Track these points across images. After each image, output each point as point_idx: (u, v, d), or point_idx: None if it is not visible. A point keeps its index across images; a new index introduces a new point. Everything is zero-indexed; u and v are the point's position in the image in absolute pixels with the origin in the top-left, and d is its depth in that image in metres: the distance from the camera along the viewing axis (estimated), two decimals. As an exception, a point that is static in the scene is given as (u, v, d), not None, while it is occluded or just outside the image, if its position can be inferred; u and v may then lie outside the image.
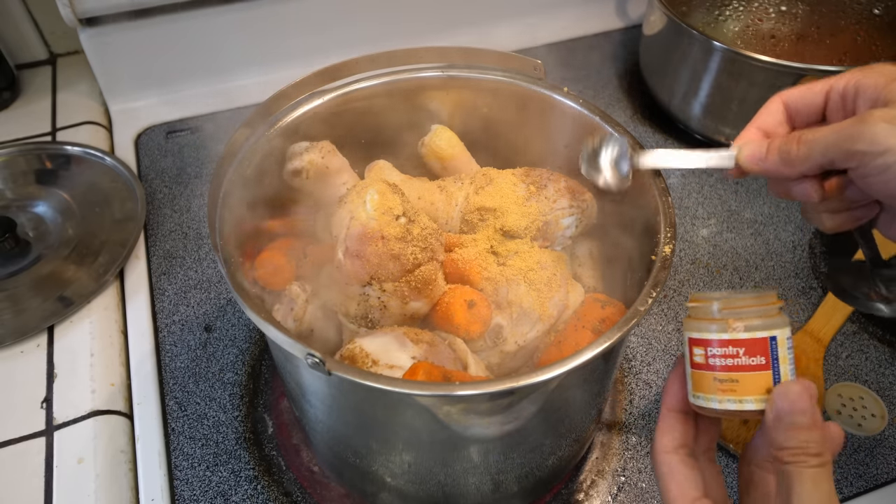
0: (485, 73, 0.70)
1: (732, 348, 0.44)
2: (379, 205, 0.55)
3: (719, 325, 0.45)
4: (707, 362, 0.46)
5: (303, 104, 0.67)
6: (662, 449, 0.48)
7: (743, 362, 0.44)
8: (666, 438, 0.48)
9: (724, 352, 0.45)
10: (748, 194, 1.00)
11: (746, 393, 0.44)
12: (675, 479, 0.46)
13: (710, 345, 0.45)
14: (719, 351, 0.45)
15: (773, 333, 0.44)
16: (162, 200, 0.97)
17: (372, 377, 0.45)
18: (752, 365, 0.44)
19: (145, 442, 0.71)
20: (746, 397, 0.44)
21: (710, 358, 0.45)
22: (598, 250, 0.72)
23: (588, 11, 1.31)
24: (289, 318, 0.61)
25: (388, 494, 0.62)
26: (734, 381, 0.44)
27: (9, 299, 0.82)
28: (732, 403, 0.45)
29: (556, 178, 0.67)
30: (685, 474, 0.46)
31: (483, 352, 0.60)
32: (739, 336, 0.44)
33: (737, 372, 0.44)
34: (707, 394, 0.46)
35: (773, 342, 0.44)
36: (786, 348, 0.44)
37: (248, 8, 1.08)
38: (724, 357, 0.45)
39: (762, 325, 0.44)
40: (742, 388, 0.44)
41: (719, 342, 0.45)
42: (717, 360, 0.45)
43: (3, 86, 1.10)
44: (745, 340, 0.44)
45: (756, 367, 0.44)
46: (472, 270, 0.61)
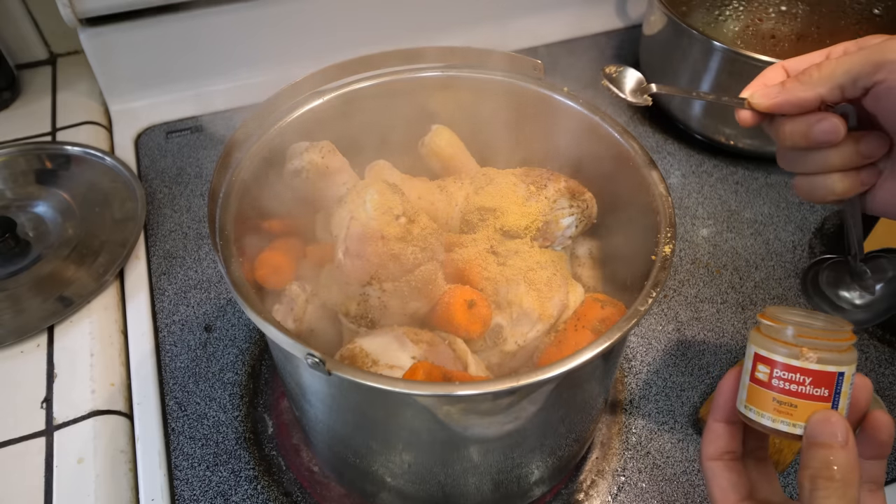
0: (485, 73, 0.70)
1: (800, 376, 0.45)
2: (379, 205, 0.55)
3: (792, 351, 0.45)
4: (770, 381, 0.46)
5: (303, 104, 0.67)
6: (707, 456, 0.50)
7: (806, 391, 0.45)
8: (711, 447, 0.50)
9: (791, 377, 0.45)
10: (748, 194, 1.00)
11: (802, 419, 0.45)
12: (718, 484, 0.48)
13: (776, 366, 0.46)
14: (785, 374, 0.45)
15: (843, 370, 0.44)
16: (162, 200, 0.97)
17: (372, 377, 0.45)
18: (815, 395, 0.44)
19: (145, 442, 0.71)
20: (800, 423, 0.45)
21: (773, 378, 0.46)
22: (598, 250, 0.72)
23: (588, 11, 1.31)
24: (289, 318, 0.61)
25: (388, 494, 0.62)
26: (793, 406, 0.45)
27: (9, 299, 0.82)
28: (785, 425, 0.45)
29: (556, 178, 0.67)
30: (728, 479, 0.48)
31: (483, 352, 0.60)
32: (810, 366, 0.44)
33: (798, 398, 0.45)
34: (761, 409, 0.47)
35: (840, 377, 0.44)
36: (849, 384, 0.45)
37: (248, 8, 1.08)
38: (789, 382, 0.45)
39: (834, 360, 0.44)
40: (799, 413, 0.45)
41: (787, 367, 0.45)
42: (780, 382, 0.45)
43: (3, 86, 1.10)
44: (814, 371, 0.44)
45: (818, 397, 0.44)
46: (472, 270, 0.61)
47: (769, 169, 1.04)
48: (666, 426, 0.74)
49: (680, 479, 0.70)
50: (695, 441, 0.73)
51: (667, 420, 0.74)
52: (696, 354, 0.80)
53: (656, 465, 0.71)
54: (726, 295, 0.87)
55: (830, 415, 0.43)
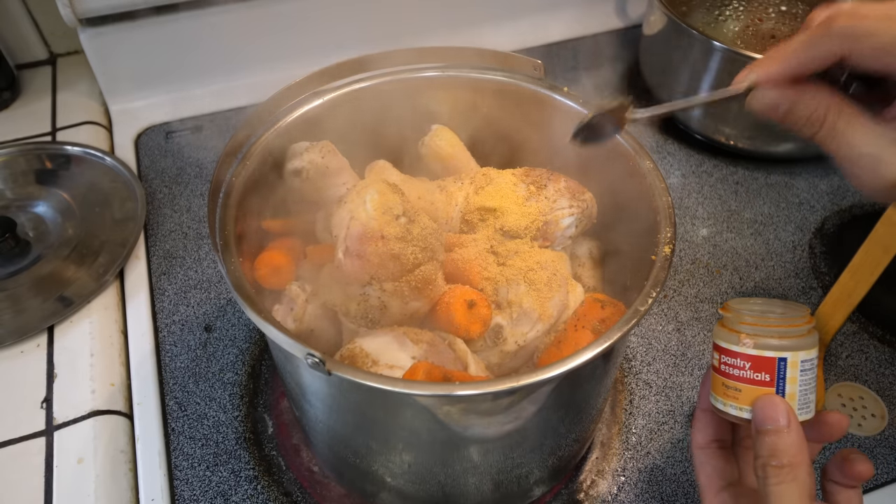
0: (485, 72, 0.70)
1: (740, 360, 0.47)
2: (379, 204, 0.55)
3: (731, 336, 0.47)
4: (720, 367, 0.48)
5: (303, 104, 0.67)
6: (695, 445, 0.52)
7: (748, 376, 0.46)
8: (699, 435, 0.52)
9: (732, 362, 0.47)
10: (748, 194, 1.00)
11: (746, 403, 0.47)
12: (704, 470, 0.50)
13: (723, 352, 0.48)
14: (729, 360, 0.47)
15: (784, 355, 0.46)
16: (162, 200, 0.97)
17: (372, 377, 0.45)
18: (757, 380, 0.46)
19: (145, 442, 0.71)
20: (746, 407, 0.47)
21: (721, 364, 0.48)
22: (598, 250, 0.72)
23: (588, 11, 1.31)
24: (289, 318, 0.61)
25: (388, 494, 0.62)
26: (737, 390, 0.47)
27: (9, 299, 0.82)
28: (734, 409, 0.47)
29: (556, 178, 0.67)
30: (714, 466, 0.50)
31: (483, 352, 0.60)
32: (747, 351, 0.46)
33: (741, 383, 0.47)
34: (716, 395, 0.49)
35: (781, 362, 0.46)
36: (797, 370, 0.46)
37: (248, 8, 1.08)
38: (732, 367, 0.47)
39: (775, 346, 0.46)
40: (743, 397, 0.47)
41: (728, 352, 0.47)
42: (726, 367, 0.48)
43: (3, 86, 1.10)
44: (751, 356, 0.46)
45: (760, 382, 0.46)
46: (472, 270, 0.61)
47: (769, 169, 1.04)
48: (666, 426, 0.74)
49: (680, 479, 0.70)
50: (695, 441, 0.73)
51: (667, 420, 0.74)
52: (696, 354, 0.80)
53: (656, 465, 0.71)
54: (726, 295, 0.87)
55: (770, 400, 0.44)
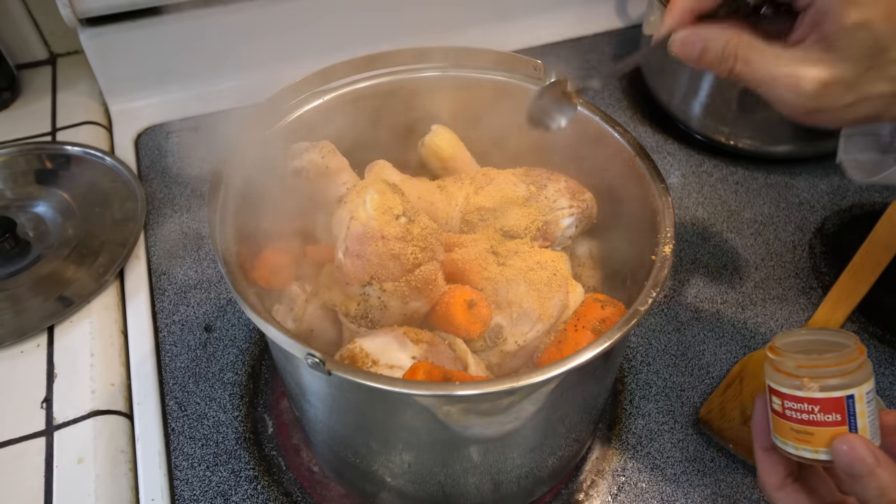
0: (485, 73, 0.70)
1: (807, 405, 0.45)
2: (379, 204, 0.55)
3: (794, 382, 0.45)
4: (783, 412, 0.47)
5: (303, 104, 0.67)
6: (772, 488, 0.49)
7: (818, 419, 0.45)
8: (772, 478, 0.50)
9: (799, 407, 0.45)
10: (748, 194, 1.00)
11: (821, 445, 0.45)
12: None
13: (785, 398, 0.46)
14: (794, 405, 0.45)
15: (851, 392, 0.44)
16: (162, 200, 0.97)
17: (372, 377, 0.45)
18: (828, 421, 0.44)
19: (145, 442, 0.71)
20: (821, 448, 0.45)
21: (786, 409, 0.46)
22: (598, 250, 0.72)
23: (588, 11, 1.31)
24: (289, 318, 0.61)
25: (388, 494, 0.62)
26: (809, 434, 0.45)
27: (9, 299, 0.82)
28: (808, 452, 0.46)
29: (556, 178, 0.67)
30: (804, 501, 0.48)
31: (483, 352, 0.60)
32: (814, 395, 0.44)
33: (812, 426, 0.45)
34: (784, 438, 0.47)
35: (849, 400, 0.44)
36: (864, 403, 0.44)
37: (248, 8, 1.08)
38: (799, 412, 0.45)
39: (839, 385, 0.44)
40: (817, 440, 0.45)
41: (793, 398, 0.45)
42: (792, 412, 0.46)
43: (3, 86, 1.10)
44: (819, 399, 0.44)
45: (831, 423, 0.44)
46: (472, 270, 0.61)
47: (769, 169, 1.04)
48: (666, 426, 0.74)
49: (680, 479, 0.70)
50: (695, 441, 0.73)
51: (667, 420, 0.74)
52: (696, 354, 0.80)
53: (656, 465, 0.71)
54: (726, 295, 0.87)
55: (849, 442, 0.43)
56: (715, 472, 0.70)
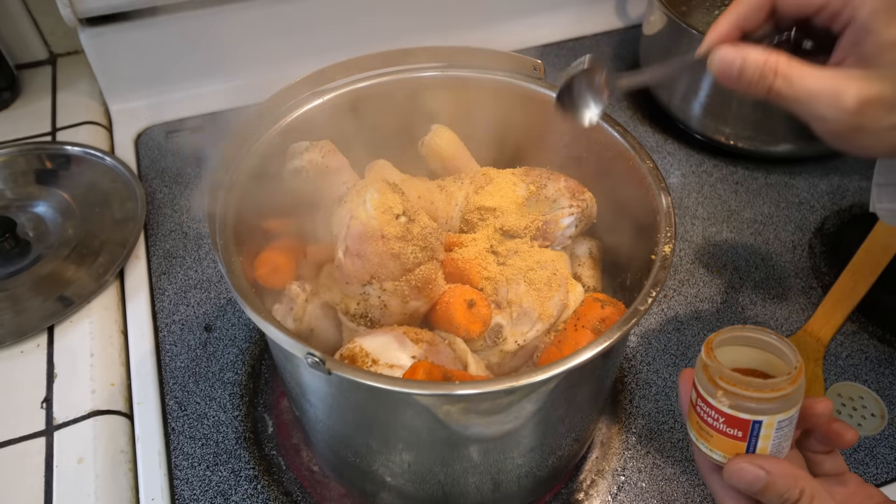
0: (485, 72, 0.70)
1: (714, 413, 0.46)
2: (379, 204, 0.55)
3: (710, 389, 0.46)
4: (695, 405, 0.48)
5: (303, 104, 0.67)
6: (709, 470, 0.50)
7: (721, 428, 0.46)
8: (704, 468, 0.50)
9: (708, 411, 0.46)
10: (748, 194, 1.00)
11: (718, 448, 0.47)
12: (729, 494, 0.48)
13: (700, 396, 0.47)
14: (704, 406, 0.47)
15: (760, 418, 0.44)
16: (162, 200, 0.97)
17: (372, 377, 0.45)
18: (729, 434, 0.46)
19: (145, 442, 0.71)
20: (717, 451, 0.47)
21: (697, 405, 0.48)
22: (598, 250, 0.72)
23: (588, 11, 1.31)
24: (288, 318, 0.61)
25: (388, 494, 0.62)
26: (709, 435, 0.47)
27: (9, 299, 0.82)
28: (704, 447, 0.48)
29: (556, 178, 0.67)
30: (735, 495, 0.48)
31: (483, 351, 0.60)
32: (723, 409, 0.45)
33: (713, 430, 0.46)
34: (691, 428, 0.49)
35: (756, 424, 0.45)
36: (773, 429, 0.45)
37: (248, 8, 1.08)
38: (706, 414, 0.46)
39: (750, 409, 0.44)
40: (714, 442, 0.47)
41: (704, 401, 0.46)
42: (700, 410, 0.47)
43: (3, 86, 1.10)
44: (727, 414, 0.45)
45: (732, 436, 0.46)
46: (472, 270, 0.61)
47: (769, 169, 1.04)
48: (666, 426, 0.74)
49: (680, 478, 0.70)
50: (695, 441, 0.73)
51: (667, 420, 0.74)
52: (695, 354, 0.80)
53: (656, 465, 0.71)
54: (726, 295, 0.87)
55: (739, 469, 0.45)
56: (715, 471, 0.70)
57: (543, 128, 0.71)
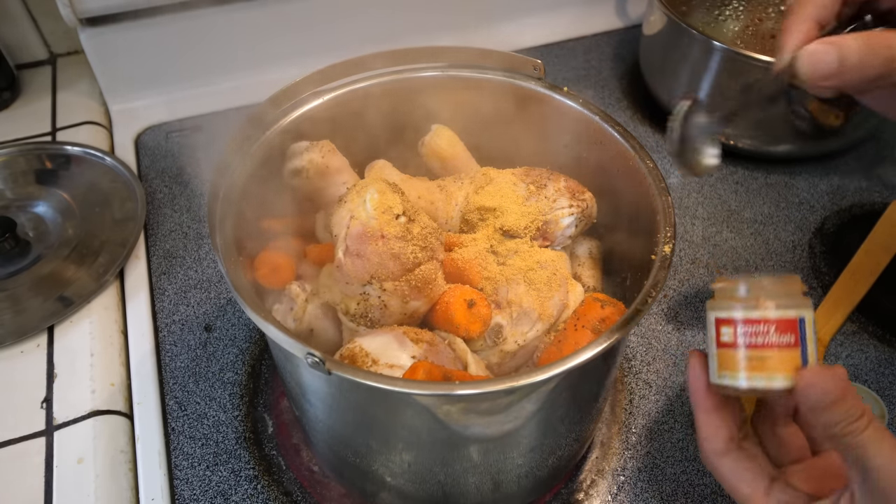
0: (485, 73, 0.70)
1: (763, 326, 0.44)
2: (379, 204, 0.55)
3: (750, 303, 0.45)
4: (735, 341, 0.45)
5: (303, 104, 0.67)
6: (715, 453, 0.47)
7: (773, 340, 0.44)
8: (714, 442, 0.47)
9: (755, 329, 0.44)
10: (748, 194, 1.00)
11: (776, 370, 0.44)
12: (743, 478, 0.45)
13: (739, 323, 0.45)
14: (749, 329, 0.44)
15: (803, 314, 0.44)
16: (162, 200, 0.97)
17: (372, 377, 0.45)
18: (783, 343, 0.44)
19: (145, 442, 0.71)
20: (776, 374, 0.44)
21: (738, 336, 0.45)
22: (598, 250, 0.72)
23: (588, 11, 1.31)
24: (288, 318, 0.61)
25: (388, 494, 0.62)
26: (763, 359, 0.44)
27: (9, 299, 0.82)
28: (761, 381, 0.44)
29: (556, 178, 0.67)
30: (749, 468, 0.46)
31: (483, 351, 0.60)
32: (770, 314, 0.44)
33: (767, 350, 0.44)
34: (734, 372, 0.45)
35: (801, 323, 0.44)
36: (812, 331, 0.44)
37: (247, 8, 1.08)
38: (755, 335, 0.44)
39: (793, 305, 0.44)
40: (772, 365, 0.44)
41: (748, 320, 0.44)
42: (746, 337, 0.45)
43: (3, 86, 1.10)
44: (775, 319, 0.44)
45: (786, 345, 0.44)
46: (472, 270, 0.61)
47: (769, 169, 1.04)
48: (666, 426, 0.74)
49: (680, 478, 0.70)
50: (695, 441, 0.73)
51: (667, 420, 0.74)
52: (696, 354, 0.80)
53: (656, 464, 0.71)
54: (726, 295, 0.87)
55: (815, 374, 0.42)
56: (715, 471, 0.70)
57: (543, 128, 0.71)
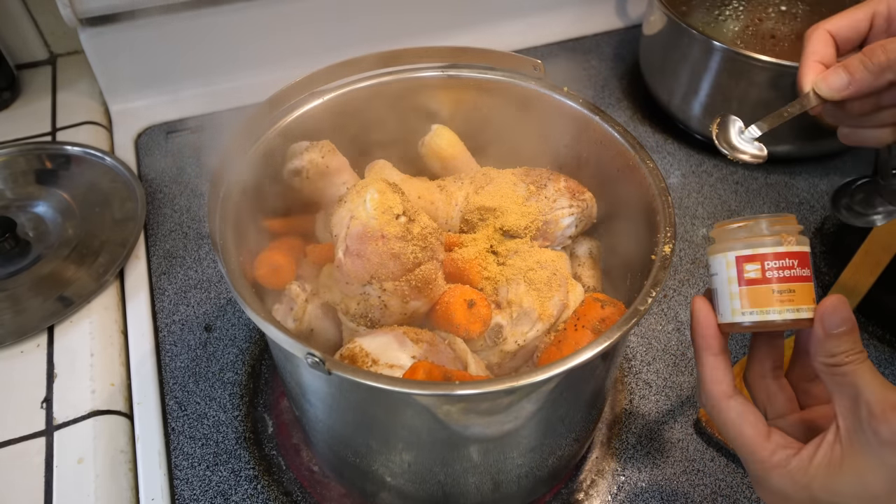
0: (485, 72, 0.70)
1: (789, 260, 0.46)
2: (379, 204, 0.55)
3: (774, 240, 0.46)
4: (764, 276, 0.47)
5: (303, 104, 0.67)
6: (724, 395, 0.48)
7: (798, 273, 0.46)
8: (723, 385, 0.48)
9: (782, 264, 0.46)
10: (748, 194, 1.00)
11: (802, 302, 0.46)
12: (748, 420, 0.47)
13: (766, 258, 0.47)
14: (777, 263, 0.46)
15: (806, 248, 0.47)
16: (162, 200, 0.97)
17: (372, 377, 0.45)
18: (804, 276, 0.46)
19: (145, 442, 0.71)
20: (802, 306, 0.46)
21: (767, 272, 0.47)
22: (598, 250, 0.72)
23: (588, 11, 1.31)
24: (288, 318, 0.61)
25: (388, 494, 0.62)
26: (792, 292, 0.46)
27: (9, 299, 0.82)
28: (791, 313, 0.46)
29: (556, 178, 0.67)
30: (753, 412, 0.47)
31: (483, 351, 0.60)
32: (794, 249, 0.46)
33: (794, 283, 0.46)
34: (764, 307, 0.47)
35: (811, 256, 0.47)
36: None
37: (247, 8, 1.08)
38: (783, 268, 0.46)
39: (803, 241, 0.47)
40: (799, 297, 0.46)
41: (777, 255, 0.46)
42: (775, 272, 0.46)
43: (3, 86, 1.10)
44: (798, 253, 0.46)
45: (806, 277, 0.46)
46: (472, 270, 0.61)
47: (769, 169, 1.04)
48: (666, 426, 0.74)
49: (680, 478, 0.70)
50: (695, 441, 0.73)
51: (667, 420, 0.74)
52: (696, 354, 0.80)
53: (656, 465, 0.71)
54: (726, 295, 0.87)
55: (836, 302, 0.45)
56: (715, 472, 0.70)
57: (543, 128, 0.71)
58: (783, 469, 0.45)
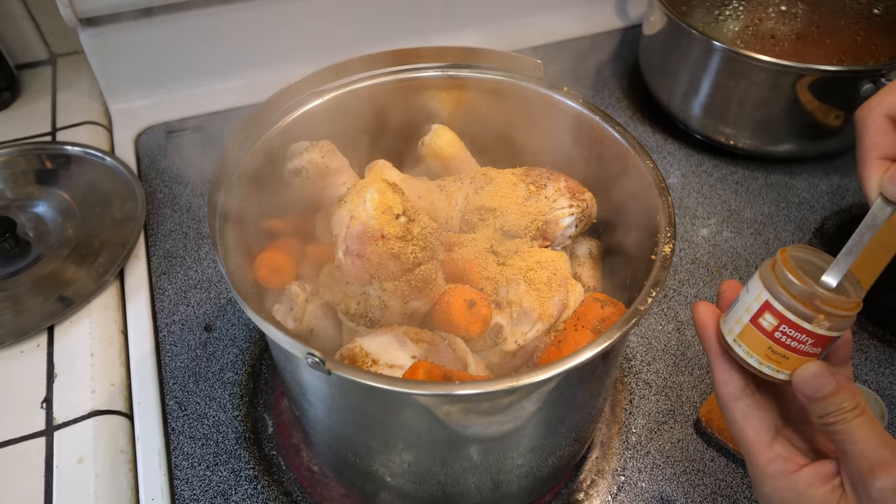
0: (485, 72, 0.70)
1: (805, 336, 0.44)
2: (379, 204, 0.55)
3: (808, 314, 0.44)
4: (772, 332, 0.45)
5: (303, 104, 0.67)
6: (730, 396, 0.48)
7: (804, 349, 0.45)
8: (729, 386, 0.48)
9: (796, 336, 0.45)
10: (748, 194, 1.00)
11: (789, 368, 0.45)
12: (751, 424, 0.47)
13: (786, 323, 0.45)
14: (791, 332, 0.45)
15: (841, 334, 0.45)
16: (162, 200, 0.97)
17: (372, 377, 0.45)
18: (810, 353, 0.45)
19: (145, 442, 0.71)
20: (785, 371, 0.45)
21: (777, 331, 0.45)
22: (598, 250, 0.72)
23: (588, 11, 1.31)
24: (289, 318, 0.61)
25: (388, 494, 0.62)
26: (785, 358, 0.45)
27: (9, 299, 0.82)
28: (770, 370, 0.46)
29: (556, 178, 0.67)
30: (759, 416, 0.47)
31: (483, 351, 0.60)
32: (819, 331, 0.44)
33: (792, 352, 0.45)
34: (751, 351, 0.46)
35: (836, 339, 0.45)
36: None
37: (247, 8, 1.08)
38: (792, 339, 0.45)
39: (840, 327, 0.44)
40: (788, 364, 0.45)
41: (797, 327, 0.44)
42: (784, 336, 0.45)
43: (3, 86, 1.10)
44: (821, 336, 0.44)
45: (811, 354, 0.45)
46: (472, 270, 0.61)
47: (769, 169, 1.04)
48: (666, 426, 0.74)
49: (680, 478, 0.70)
50: (695, 441, 0.73)
51: (667, 420, 0.74)
52: (696, 354, 0.80)
53: (656, 464, 0.71)
54: (726, 295, 0.87)
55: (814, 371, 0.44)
56: (715, 472, 0.70)
57: (543, 128, 0.71)
58: (775, 482, 0.45)
